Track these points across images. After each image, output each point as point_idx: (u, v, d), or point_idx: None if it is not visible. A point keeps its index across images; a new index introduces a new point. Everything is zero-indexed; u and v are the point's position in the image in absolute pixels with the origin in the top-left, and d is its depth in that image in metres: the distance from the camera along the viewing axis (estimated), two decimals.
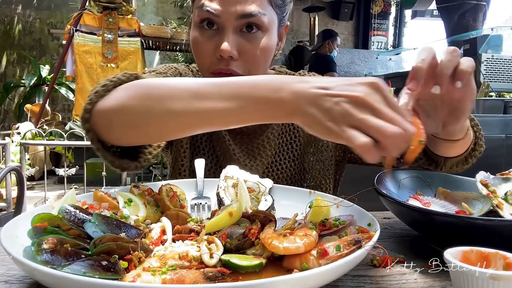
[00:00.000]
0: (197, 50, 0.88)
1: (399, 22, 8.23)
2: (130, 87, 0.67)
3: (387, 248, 0.61)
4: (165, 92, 0.61)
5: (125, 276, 0.49)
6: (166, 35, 4.64)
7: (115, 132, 0.67)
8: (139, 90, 0.64)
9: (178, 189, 0.79)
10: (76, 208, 0.59)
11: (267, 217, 0.64)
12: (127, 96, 0.64)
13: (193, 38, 0.88)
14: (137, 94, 0.64)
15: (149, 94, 0.63)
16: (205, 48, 0.86)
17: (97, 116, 0.67)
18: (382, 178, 0.77)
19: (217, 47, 0.84)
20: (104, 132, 0.68)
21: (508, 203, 0.68)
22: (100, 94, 0.67)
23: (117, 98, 0.66)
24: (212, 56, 0.86)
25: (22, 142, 2.86)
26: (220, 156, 1.00)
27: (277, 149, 1.02)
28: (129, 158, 0.73)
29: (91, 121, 0.67)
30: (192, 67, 1.06)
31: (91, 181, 3.30)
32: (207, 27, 0.85)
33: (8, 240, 0.51)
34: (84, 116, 0.67)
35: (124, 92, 0.66)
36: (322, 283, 0.48)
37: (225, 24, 0.83)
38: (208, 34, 0.86)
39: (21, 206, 1.03)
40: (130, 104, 0.63)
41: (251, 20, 0.83)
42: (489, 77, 3.23)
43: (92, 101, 0.67)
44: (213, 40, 0.85)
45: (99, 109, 0.66)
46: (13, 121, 5.85)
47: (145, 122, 0.63)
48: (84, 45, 4.43)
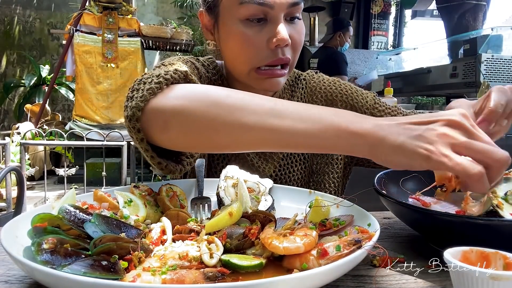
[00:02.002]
0: (244, 46, 0.85)
1: (399, 22, 8.24)
2: (193, 89, 0.64)
3: (387, 248, 0.61)
4: (236, 103, 0.59)
5: (125, 276, 0.49)
6: (166, 35, 4.64)
7: (171, 134, 0.64)
8: (206, 94, 0.62)
9: (178, 189, 0.79)
10: (76, 208, 0.59)
11: (267, 217, 0.64)
12: (191, 99, 0.62)
13: (238, 34, 0.85)
14: (203, 98, 0.61)
15: (217, 101, 0.60)
16: (256, 42, 0.84)
17: (151, 114, 0.64)
18: (382, 178, 0.77)
19: (270, 38, 0.83)
20: (157, 132, 0.65)
21: (508, 203, 0.68)
22: (153, 92, 0.64)
23: (177, 98, 0.63)
24: (264, 49, 0.85)
25: (22, 142, 2.86)
26: (232, 155, 1.00)
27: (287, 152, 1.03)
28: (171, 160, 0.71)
29: (143, 119, 0.64)
30: (202, 60, 1.02)
31: (91, 181, 3.30)
32: (255, 21, 0.84)
33: (8, 240, 0.51)
34: (136, 114, 0.64)
35: (186, 93, 0.63)
36: (322, 283, 0.48)
37: (277, 14, 0.83)
38: (257, 27, 0.84)
39: (21, 206, 1.03)
40: (196, 108, 0.60)
41: (297, 8, 0.85)
42: (489, 77, 3.23)
43: (145, 98, 0.64)
44: (263, 32, 0.84)
45: (154, 107, 0.63)
46: (13, 121, 5.85)
47: (210, 130, 0.60)
48: (84, 45, 4.43)
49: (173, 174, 0.71)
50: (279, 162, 1.02)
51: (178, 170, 0.71)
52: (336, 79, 1.08)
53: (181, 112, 0.61)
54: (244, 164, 0.98)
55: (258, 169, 0.99)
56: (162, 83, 0.65)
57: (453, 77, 3.52)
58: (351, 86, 1.07)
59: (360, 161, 1.09)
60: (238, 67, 0.91)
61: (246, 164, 0.98)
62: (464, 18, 5.32)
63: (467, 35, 4.15)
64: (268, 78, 0.88)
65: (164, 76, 0.66)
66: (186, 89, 0.65)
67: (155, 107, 0.64)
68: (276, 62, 0.86)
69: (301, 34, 0.89)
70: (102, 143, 2.85)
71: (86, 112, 4.52)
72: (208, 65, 1.02)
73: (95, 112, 4.53)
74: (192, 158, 0.74)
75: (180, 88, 0.65)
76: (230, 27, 0.86)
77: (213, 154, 0.99)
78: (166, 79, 0.66)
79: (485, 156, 0.45)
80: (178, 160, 0.73)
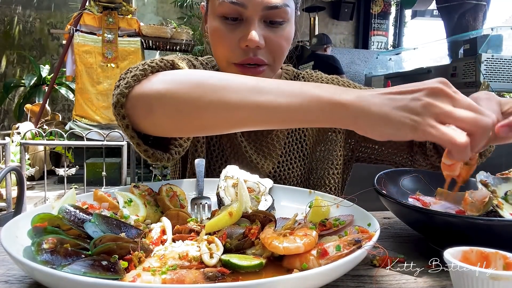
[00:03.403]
0: (218, 42, 0.88)
1: (399, 22, 8.24)
2: (176, 73, 0.64)
3: (387, 248, 0.61)
4: (219, 82, 0.59)
5: (125, 276, 0.49)
6: (166, 35, 4.64)
7: (155, 118, 0.64)
8: (188, 77, 0.62)
9: (178, 189, 0.79)
10: (76, 208, 0.59)
11: (267, 217, 0.64)
12: (174, 82, 0.62)
13: (214, 30, 0.87)
14: (186, 80, 0.61)
15: (200, 82, 0.60)
16: (229, 39, 0.86)
17: (135, 99, 0.64)
18: (382, 178, 0.77)
19: (242, 38, 0.84)
20: (141, 117, 0.65)
21: (508, 203, 0.68)
22: (138, 78, 0.65)
23: (161, 82, 0.63)
24: (236, 48, 0.86)
25: (22, 142, 2.86)
26: (230, 153, 1.00)
27: (286, 148, 1.03)
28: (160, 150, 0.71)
29: (127, 105, 0.65)
30: (201, 60, 1.04)
31: (91, 181, 3.30)
32: (230, 19, 0.85)
33: (8, 240, 0.51)
34: (120, 101, 0.65)
35: (170, 77, 0.64)
36: (322, 283, 0.48)
37: (251, 15, 0.84)
38: (231, 25, 0.86)
39: (21, 206, 1.03)
40: (178, 90, 0.60)
41: (276, 11, 0.84)
42: (489, 77, 3.23)
43: (130, 85, 0.64)
44: (237, 31, 0.85)
45: (138, 93, 0.64)
46: (13, 121, 5.85)
47: (194, 111, 0.60)
48: (84, 45, 4.43)
49: (160, 162, 0.71)
50: (277, 159, 1.01)
51: (166, 159, 0.71)
52: (334, 77, 1.09)
53: (164, 95, 0.62)
54: (243, 162, 0.98)
55: (257, 165, 0.98)
56: (147, 70, 0.66)
57: (453, 77, 3.52)
58: (349, 83, 1.07)
59: (361, 157, 1.08)
60: (218, 61, 0.94)
61: (245, 162, 0.98)
62: (464, 18, 5.32)
63: (467, 35, 4.15)
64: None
65: (149, 64, 0.67)
66: (170, 74, 0.65)
67: (139, 92, 0.64)
68: (247, 61, 0.87)
69: (283, 38, 0.87)
70: (102, 143, 2.85)
71: (86, 112, 4.52)
72: (207, 64, 1.02)
73: (95, 112, 4.53)
74: (181, 147, 0.74)
75: (164, 73, 0.66)
76: (211, 22, 0.89)
77: (212, 152, 0.99)
78: (151, 67, 0.67)
79: (469, 125, 0.45)
80: (167, 149, 0.73)
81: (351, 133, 1.06)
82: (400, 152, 1.02)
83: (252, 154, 0.99)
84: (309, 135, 1.04)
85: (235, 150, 0.99)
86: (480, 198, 0.66)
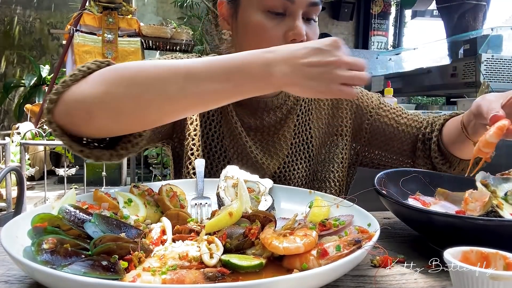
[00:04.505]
0: (262, 36, 0.87)
1: (399, 22, 8.23)
2: (109, 73, 0.64)
3: (387, 248, 0.61)
4: (153, 76, 0.60)
5: (125, 276, 0.49)
6: (166, 35, 4.64)
7: (97, 122, 0.64)
8: (122, 75, 0.62)
9: (178, 189, 0.79)
10: (76, 208, 0.59)
11: (267, 217, 0.64)
12: (109, 83, 0.62)
13: (256, 24, 0.87)
14: (120, 80, 0.62)
15: (135, 79, 0.61)
16: (274, 33, 0.86)
17: (69, 106, 0.63)
18: (382, 178, 0.77)
19: (287, 31, 0.85)
20: (81, 123, 0.64)
21: (508, 203, 0.68)
22: (67, 84, 0.64)
23: (95, 85, 0.63)
24: (280, 42, 0.86)
25: (22, 142, 2.86)
26: (234, 154, 0.99)
27: (293, 148, 1.03)
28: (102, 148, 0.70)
29: (55, 111, 0.64)
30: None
31: (91, 181, 3.30)
32: (275, 13, 0.86)
33: (8, 240, 0.51)
34: (48, 107, 0.64)
35: (103, 78, 0.63)
36: (322, 283, 0.48)
37: (296, 10, 0.85)
38: (275, 20, 0.86)
39: (21, 206, 1.03)
40: (115, 91, 0.61)
41: (316, 8, 0.88)
42: (489, 77, 3.23)
43: (59, 91, 0.64)
44: (281, 25, 0.86)
45: (71, 99, 0.63)
46: (13, 121, 5.85)
47: (137, 109, 0.61)
48: (84, 45, 4.43)
49: (102, 160, 0.70)
50: (284, 159, 1.01)
51: (108, 156, 0.69)
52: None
53: (102, 99, 0.61)
54: (247, 162, 0.98)
55: (262, 165, 0.98)
56: (77, 75, 0.65)
57: (453, 77, 3.52)
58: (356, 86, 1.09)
59: (364, 161, 1.10)
60: None
61: (250, 162, 0.98)
62: (464, 18, 5.32)
63: (467, 35, 4.15)
64: None
65: (80, 68, 0.66)
66: (102, 74, 0.65)
67: (72, 98, 0.63)
68: None
69: (316, 35, 0.91)
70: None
71: None
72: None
73: None
74: (130, 143, 0.71)
75: (95, 75, 0.65)
76: (249, 17, 0.88)
77: (214, 154, 0.99)
78: (82, 71, 0.66)
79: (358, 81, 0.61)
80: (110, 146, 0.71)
81: (356, 137, 1.07)
82: (402, 157, 1.05)
83: (257, 154, 0.99)
84: (315, 137, 1.05)
85: (239, 150, 0.98)
86: (480, 198, 0.66)
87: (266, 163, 0.99)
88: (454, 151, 0.95)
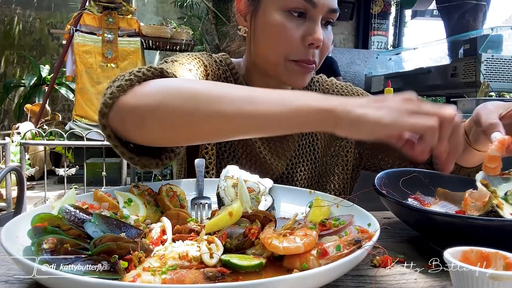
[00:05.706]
0: (280, 36, 0.87)
1: (399, 22, 8.23)
2: (167, 84, 0.64)
3: (387, 248, 0.61)
4: (212, 94, 0.60)
5: (125, 276, 0.49)
6: (166, 35, 4.64)
7: (148, 131, 0.64)
8: (181, 89, 0.62)
9: (178, 189, 0.79)
10: (76, 208, 0.59)
11: (267, 217, 0.64)
12: (166, 95, 0.62)
13: (277, 24, 0.87)
14: (179, 93, 0.61)
15: (193, 94, 0.61)
16: (293, 34, 0.86)
17: (124, 112, 0.63)
18: (382, 178, 0.77)
19: (306, 35, 0.86)
20: (132, 130, 0.65)
21: (508, 203, 0.68)
22: (123, 89, 0.64)
23: (152, 94, 0.63)
24: (298, 44, 0.86)
25: (22, 142, 2.86)
26: (242, 154, 0.99)
27: (300, 149, 1.04)
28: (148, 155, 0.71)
29: (110, 116, 0.64)
30: (215, 57, 1.02)
31: (91, 181, 3.30)
32: (295, 15, 0.86)
33: (8, 240, 0.51)
34: (102, 111, 0.64)
35: (160, 89, 0.63)
36: (322, 283, 0.48)
37: (317, 15, 0.85)
38: (296, 21, 0.86)
39: (21, 206, 1.03)
40: (172, 104, 0.61)
41: (334, 15, 0.89)
42: (489, 77, 3.23)
43: (114, 96, 0.63)
44: (300, 28, 0.86)
45: (126, 105, 0.63)
46: (13, 121, 5.85)
47: (190, 123, 0.60)
48: (84, 45, 4.43)
49: (149, 168, 0.71)
50: (291, 160, 1.02)
51: (154, 165, 0.70)
52: (347, 84, 1.13)
53: (158, 109, 0.61)
54: (256, 162, 0.98)
55: (271, 166, 0.99)
56: (133, 80, 0.65)
57: (453, 77, 3.52)
58: (362, 92, 1.11)
59: (367, 165, 1.11)
60: (272, 56, 0.91)
61: (258, 162, 0.98)
62: (464, 18, 5.32)
63: (467, 35, 4.15)
64: (298, 73, 0.90)
65: (135, 73, 0.66)
66: (159, 84, 0.65)
67: (128, 104, 0.63)
68: (306, 61, 0.88)
69: (330, 40, 0.92)
70: (102, 143, 2.85)
71: (86, 112, 4.52)
72: (221, 62, 1.01)
73: (95, 112, 4.51)
74: (173, 153, 0.73)
75: (152, 84, 0.65)
76: (270, 15, 0.88)
77: (223, 153, 0.99)
78: (137, 76, 0.65)
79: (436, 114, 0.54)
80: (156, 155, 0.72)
81: (360, 141, 1.07)
82: (405, 162, 1.06)
83: (266, 154, 0.99)
84: (321, 139, 1.06)
85: (248, 151, 0.99)
86: (480, 198, 0.66)
87: (275, 164, 1.00)
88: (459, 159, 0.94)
